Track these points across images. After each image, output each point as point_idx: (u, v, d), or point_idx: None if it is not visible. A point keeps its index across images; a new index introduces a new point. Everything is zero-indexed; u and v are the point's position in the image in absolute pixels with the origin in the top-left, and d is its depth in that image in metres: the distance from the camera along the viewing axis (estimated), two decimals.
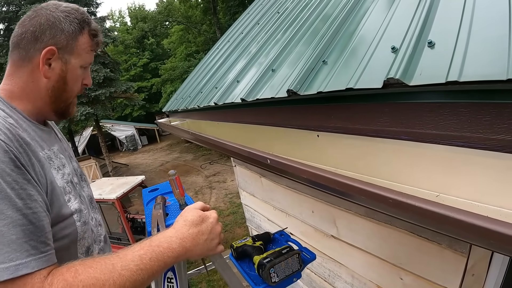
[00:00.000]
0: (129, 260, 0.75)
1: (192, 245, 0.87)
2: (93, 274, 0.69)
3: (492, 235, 0.52)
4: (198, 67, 4.07)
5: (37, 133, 0.95)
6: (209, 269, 1.62)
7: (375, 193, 0.67)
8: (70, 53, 0.96)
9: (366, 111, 0.92)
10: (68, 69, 0.97)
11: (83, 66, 1.01)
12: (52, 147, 0.99)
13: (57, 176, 0.92)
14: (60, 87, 0.98)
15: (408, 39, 0.86)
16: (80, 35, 0.97)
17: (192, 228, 0.89)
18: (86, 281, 0.68)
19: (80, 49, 0.98)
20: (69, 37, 0.95)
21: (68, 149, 1.17)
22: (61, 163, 0.99)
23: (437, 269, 1.18)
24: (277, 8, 2.75)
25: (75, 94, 1.04)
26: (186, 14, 26.76)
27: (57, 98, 0.99)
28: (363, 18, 1.21)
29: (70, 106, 1.06)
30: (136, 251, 0.78)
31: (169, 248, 0.82)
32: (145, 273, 0.75)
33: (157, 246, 0.80)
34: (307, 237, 2.08)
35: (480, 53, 0.68)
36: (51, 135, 1.05)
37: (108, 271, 0.71)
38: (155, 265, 0.77)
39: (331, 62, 1.13)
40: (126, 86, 16.35)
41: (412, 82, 0.73)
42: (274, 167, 1.08)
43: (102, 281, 0.69)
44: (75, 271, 0.70)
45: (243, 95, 1.49)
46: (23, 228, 0.70)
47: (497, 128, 0.64)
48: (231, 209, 8.62)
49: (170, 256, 0.81)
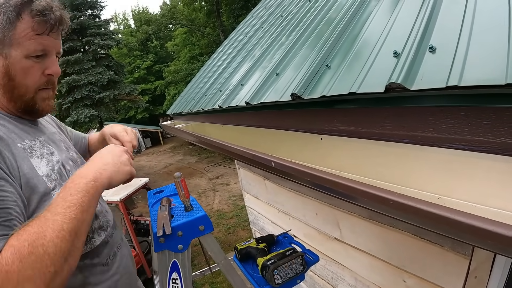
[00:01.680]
0: (54, 205, 0.76)
1: (101, 164, 0.90)
2: (32, 230, 0.70)
3: (493, 237, 0.53)
4: (202, 70, 4.10)
5: (18, 126, 0.96)
6: (213, 271, 1.63)
7: (378, 195, 0.68)
8: (9, 45, 0.87)
9: (368, 115, 0.93)
10: (9, 63, 0.88)
11: (30, 56, 0.90)
12: (38, 138, 1.00)
13: (40, 164, 0.92)
14: (7, 84, 0.91)
15: (410, 44, 0.87)
16: (18, 22, 0.86)
17: (95, 156, 0.94)
18: (29, 239, 0.68)
19: (20, 38, 0.87)
20: (4, 29, 0.85)
21: (66, 140, 1.22)
22: (49, 151, 1.00)
23: (440, 271, 1.19)
24: (281, 12, 2.77)
25: (32, 89, 0.95)
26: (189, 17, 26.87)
27: (11, 96, 0.93)
28: (366, 23, 1.23)
29: (35, 102, 0.98)
30: (57, 197, 0.79)
31: (79, 176, 0.83)
32: (75, 209, 0.76)
33: (70, 182, 0.82)
34: (311, 239, 2.08)
35: (480, 58, 0.69)
36: (38, 127, 1.06)
37: (43, 223, 0.71)
38: (79, 197, 0.78)
39: (334, 66, 1.14)
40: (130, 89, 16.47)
41: (414, 87, 0.74)
42: (279, 170, 1.09)
43: (42, 232, 0.69)
44: (17, 234, 0.70)
45: (247, 99, 1.50)
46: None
47: (497, 132, 0.65)
48: (235, 211, 8.62)
49: (85, 182, 0.82)
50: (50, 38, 0.93)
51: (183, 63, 26.81)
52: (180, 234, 1.12)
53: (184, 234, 1.13)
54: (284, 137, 1.38)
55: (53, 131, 1.16)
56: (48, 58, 0.95)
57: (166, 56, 32.70)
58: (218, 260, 1.23)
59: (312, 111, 1.18)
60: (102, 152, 0.97)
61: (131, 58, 30.52)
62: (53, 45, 0.95)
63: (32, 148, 0.94)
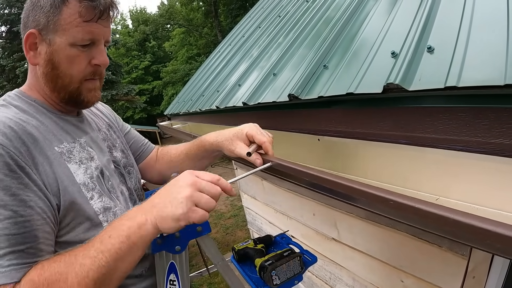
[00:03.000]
0: (90, 246, 0.67)
1: (150, 204, 0.72)
2: (56, 269, 0.65)
3: (492, 237, 0.52)
4: (200, 70, 4.10)
5: (58, 125, 0.88)
6: (211, 272, 1.62)
7: (377, 195, 0.67)
8: (54, 31, 0.80)
9: (366, 116, 0.93)
10: (53, 50, 0.82)
11: (75, 44, 0.82)
12: (78, 139, 0.91)
13: (78, 171, 0.84)
14: (49, 73, 0.85)
15: (408, 44, 0.87)
16: (64, 7, 0.79)
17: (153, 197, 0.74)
18: (50, 278, 0.63)
19: (66, 24, 0.80)
20: (48, 13, 0.79)
21: (111, 139, 1.09)
22: (88, 156, 0.90)
23: (437, 271, 1.19)
24: (279, 12, 2.77)
25: (77, 79, 0.87)
26: (187, 17, 26.85)
27: (54, 86, 0.86)
28: (364, 23, 1.22)
29: (80, 93, 0.89)
30: (98, 235, 0.69)
31: (127, 216, 0.70)
32: (108, 255, 0.65)
33: (117, 220, 0.70)
34: (308, 239, 2.08)
35: (478, 58, 0.69)
36: (82, 125, 0.97)
37: (70, 263, 0.65)
38: (116, 244, 0.66)
39: (332, 66, 1.14)
40: (127, 89, 16.40)
41: (412, 87, 0.74)
42: (277, 170, 1.08)
43: (65, 274, 0.63)
44: (40, 269, 0.65)
45: (244, 99, 1.50)
46: (9, 237, 0.66)
47: (495, 132, 0.65)
48: (232, 211, 8.60)
49: (128, 226, 0.68)
50: (99, 26, 0.84)
51: (180, 63, 26.79)
52: (177, 235, 1.11)
53: (181, 235, 1.12)
54: (282, 138, 1.38)
55: (99, 127, 1.07)
56: (95, 47, 0.87)
57: (164, 56, 32.63)
58: (215, 261, 1.23)
59: (309, 111, 1.18)
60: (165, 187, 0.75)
61: (128, 58, 30.41)
62: (102, 33, 0.86)
63: (70, 152, 0.85)
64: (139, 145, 1.29)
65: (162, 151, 1.31)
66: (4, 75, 14.59)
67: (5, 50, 14.41)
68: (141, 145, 1.29)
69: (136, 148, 1.27)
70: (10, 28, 14.16)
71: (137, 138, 1.30)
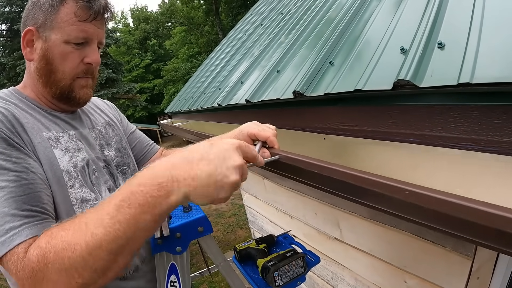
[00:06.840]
0: (104, 213, 0.58)
1: (186, 173, 0.58)
2: (64, 237, 0.59)
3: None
4: (201, 68, 4.08)
5: (47, 118, 0.91)
6: (212, 272, 1.61)
7: (391, 185, 0.62)
8: (50, 29, 0.86)
9: (374, 113, 0.91)
10: (48, 46, 0.87)
11: (69, 42, 0.87)
12: (68, 131, 0.94)
13: (63, 158, 0.87)
14: (43, 68, 0.89)
15: (418, 40, 0.84)
16: (62, 6, 0.85)
17: (191, 153, 0.62)
18: (57, 246, 0.59)
19: (62, 22, 0.85)
20: (46, 12, 0.85)
21: (105, 137, 1.09)
22: (76, 147, 0.93)
23: (441, 272, 1.17)
24: (280, 10, 2.75)
25: (69, 75, 0.91)
26: (188, 16, 26.87)
27: (47, 81, 0.90)
28: (369, 21, 1.20)
29: (72, 89, 0.93)
30: (115, 197, 0.60)
31: (152, 183, 0.58)
32: (125, 226, 0.57)
33: (138, 185, 0.59)
34: (310, 239, 2.07)
35: (492, 54, 0.67)
36: (72, 121, 0.99)
37: (79, 233, 0.58)
38: (136, 213, 0.57)
39: (338, 63, 1.12)
40: (128, 87, 16.42)
41: (423, 84, 0.72)
42: (284, 163, 1.04)
43: (73, 245, 0.57)
44: (50, 235, 0.62)
45: (247, 96, 1.48)
46: (15, 199, 0.68)
47: (508, 131, 0.63)
48: (233, 210, 8.60)
49: (155, 195, 0.57)
50: (93, 26, 0.90)
51: (181, 61, 26.82)
52: (178, 235, 1.09)
53: (182, 236, 1.10)
54: (286, 136, 1.36)
55: (93, 125, 1.08)
56: (88, 46, 0.92)
57: (165, 54, 32.66)
58: (217, 261, 1.21)
59: (314, 109, 1.15)
60: (206, 151, 0.61)
61: (129, 57, 30.43)
62: (95, 34, 0.91)
63: (57, 140, 0.88)
64: (144, 145, 1.30)
65: (166, 153, 1.32)
66: (4, 73, 14.62)
67: (6, 48, 14.44)
68: (145, 146, 1.31)
69: (140, 148, 1.29)
70: (10, 27, 14.18)
71: (142, 139, 1.31)
